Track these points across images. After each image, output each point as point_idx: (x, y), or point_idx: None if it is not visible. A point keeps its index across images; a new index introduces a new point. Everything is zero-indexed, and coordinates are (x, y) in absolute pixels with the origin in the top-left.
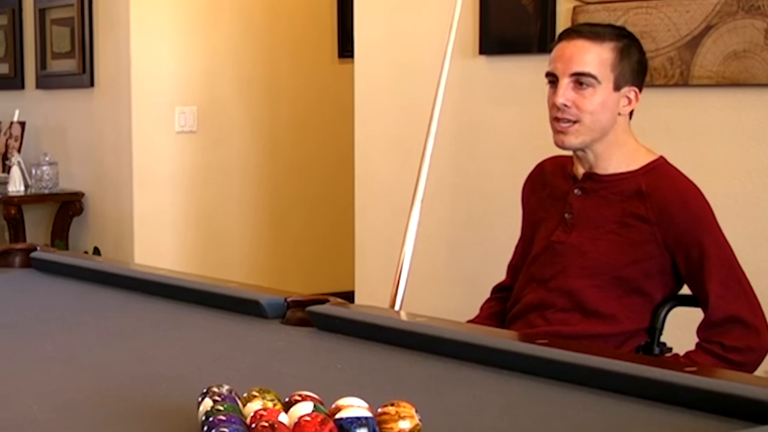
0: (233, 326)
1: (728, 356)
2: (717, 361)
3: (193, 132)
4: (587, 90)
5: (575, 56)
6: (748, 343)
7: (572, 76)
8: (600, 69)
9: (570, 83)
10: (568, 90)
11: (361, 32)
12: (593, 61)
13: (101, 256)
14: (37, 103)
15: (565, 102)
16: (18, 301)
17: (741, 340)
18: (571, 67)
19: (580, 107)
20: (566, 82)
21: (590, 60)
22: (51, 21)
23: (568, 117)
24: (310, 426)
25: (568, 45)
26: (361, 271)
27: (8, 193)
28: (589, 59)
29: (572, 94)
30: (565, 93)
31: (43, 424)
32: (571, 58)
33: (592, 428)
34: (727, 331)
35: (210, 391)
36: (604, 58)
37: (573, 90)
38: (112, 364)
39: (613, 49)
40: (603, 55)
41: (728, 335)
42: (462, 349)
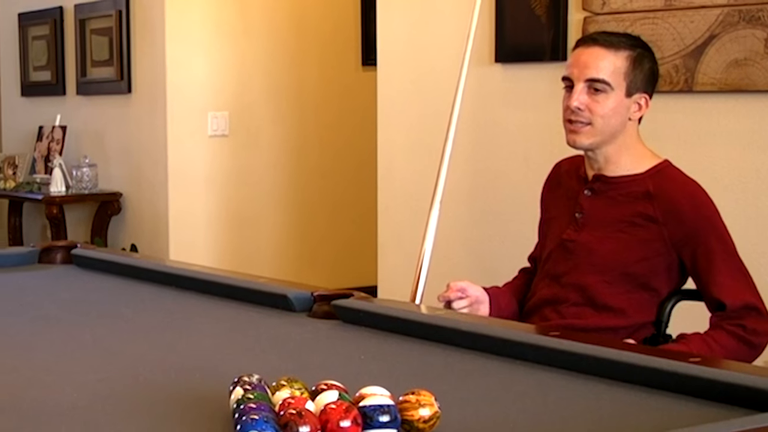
0: (263, 319)
1: (749, 338)
2: (738, 342)
3: (225, 136)
4: (600, 95)
5: (591, 63)
6: (765, 327)
7: (587, 82)
8: (613, 76)
9: (584, 88)
10: (582, 94)
11: (383, 42)
12: (607, 69)
13: (138, 252)
14: (78, 109)
15: (578, 105)
16: (59, 295)
17: (759, 324)
18: (587, 73)
19: (593, 111)
20: (581, 87)
21: (605, 67)
22: (91, 31)
23: (581, 119)
24: (336, 413)
25: (585, 52)
26: (384, 267)
27: (50, 193)
28: (603, 66)
29: (586, 99)
30: (579, 97)
31: (83, 411)
32: (586, 64)
33: (603, 415)
34: (744, 316)
35: (241, 381)
36: (618, 66)
37: (587, 94)
38: (148, 355)
39: (627, 57)
40: (617, 63)
41: (747, 320)
42: (479, 341)
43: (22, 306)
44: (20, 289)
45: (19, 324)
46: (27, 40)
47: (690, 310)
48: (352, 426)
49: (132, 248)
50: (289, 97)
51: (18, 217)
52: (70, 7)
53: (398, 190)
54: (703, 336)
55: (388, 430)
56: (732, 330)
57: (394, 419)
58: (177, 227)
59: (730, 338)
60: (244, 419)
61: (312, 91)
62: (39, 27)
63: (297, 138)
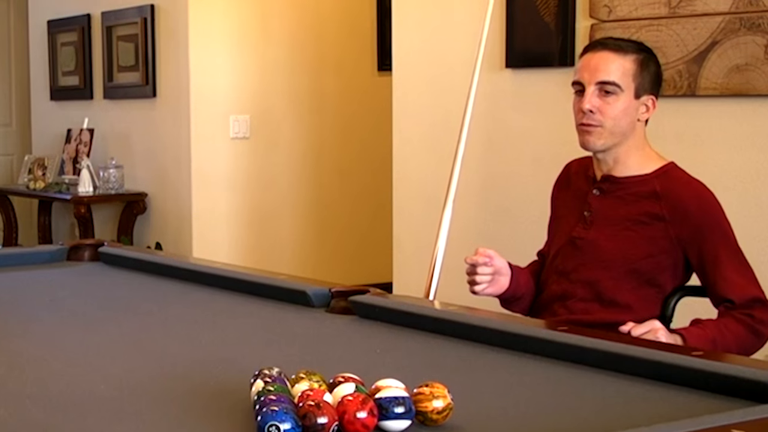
0: (282, 314)
1: (757, 327)
2: (747, 331)
3: (247, 138)
4: (611, 97)
5: (601, 66)
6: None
7: (598, 84)
8: (623, 78)
9: (595, 90)
10: (593, 97)
11: (398, 48)
12: (617, 71)
13: (162, 250)
14: (105, 112)
15: (591, 107)
16: (87, 291)
17: (765, 314)
18: (597, 76)
19: (604, 113)
20: (592, 90)
21: (614, 70)
22: (117, 37)
23: (593, 122)
24: (352, 405)
25: (594, 56)
26: (399, 264)
27: (78, 193)
28: (613, 69)
29: (597, 101)
30: (591, 99)
31: (110, 402)
32: (597, 67)
33: (609, 406)
34: (752, 308)
35: (261, 373)
36: (627, 69)
37: (598, 97)
38: (172, 349)
39: (634, 60)
40: (626, 66)
41: (755, 311)
42: (491, 335)
43: (52, 301)
44: (49, 285)
45: (49, 318)
46: (56, 46)
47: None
48: (369, 417)
49: (157, 246)
50: (308, 100)
51: (47, 217)
52: (97, 15)
53: (413, 189)
54: (716, 322)
55: (403, 421)
56: (741, 319)
57: (408, 410)
58: (200, 226)
59: (740, 326)
60: (264, 410)
61: (330, 95)
62: (67, 34)
63: (315, 140)
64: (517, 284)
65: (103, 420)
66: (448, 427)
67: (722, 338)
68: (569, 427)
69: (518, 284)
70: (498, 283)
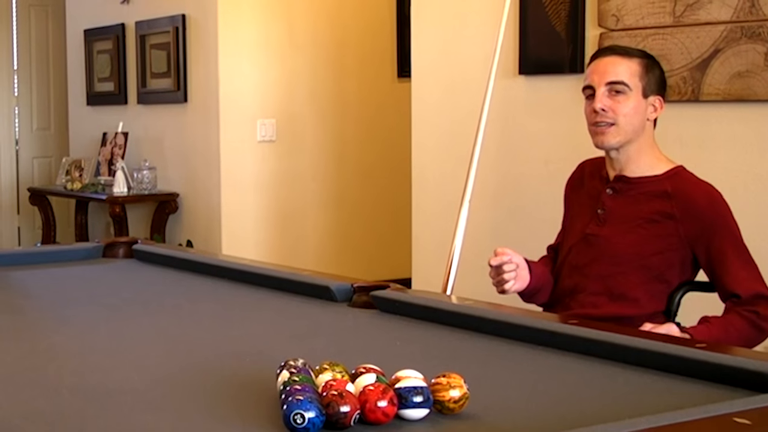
0: (307, 309)
1: (761, 323)
2: (751, 327)
3: (273, 141)
4: (621, 96)
5: (609, 68)
6: None
7: (608, 85)
8: (630, 78)
9: (606, 91)
10: (604, 97)
11: (417, 56)
12: (625, 72)
13: (193, 248)
14: (138, 117)
15: (603, 107)
16: (122, 286)
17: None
18: (607, 77)
19: (616, 111)
20: (603, 91)
21: (622, 71)
22: (150, 46)
23: (605, 120)
24: (374, 394)
25: (602, 60)
26: (417, 261)
27: (113, 194)
28: (621, 70)
29: (608, 101)
30: (602, 100)
31: (143, 393)
32: (605, 70)
33: (617, 395)
34: (757, 304)
35: (287, 365)
36: (634, 70)
37: (609, 97)
38: (202, 342)
39: (639, 63)
40: (632, 68)
41: (759, 307)
42: (505, 328)
43: (88, 296)
44: (86, 281)
45: (85, 313)
46: (92, 54)
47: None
48: (389, 406)
49: (188, 244)
50: (331, 105)
51: (84, 216)
52: (131, 24)
53: (431, 190)
54: (722, 320)
55: (421, 410)
56: (747, 316)
57: (426, 400)
58: (229, 224)
59: (744, 323)
60: (290, 400)
61: (352, 101)
62: (103, 42)
63: (338, 143)
64: (536, 276)
65: (137, 409)
66: (465, 416)
67: (726, 337)
68: (579, 415)
69: (537, 276)
70: (522, 278)
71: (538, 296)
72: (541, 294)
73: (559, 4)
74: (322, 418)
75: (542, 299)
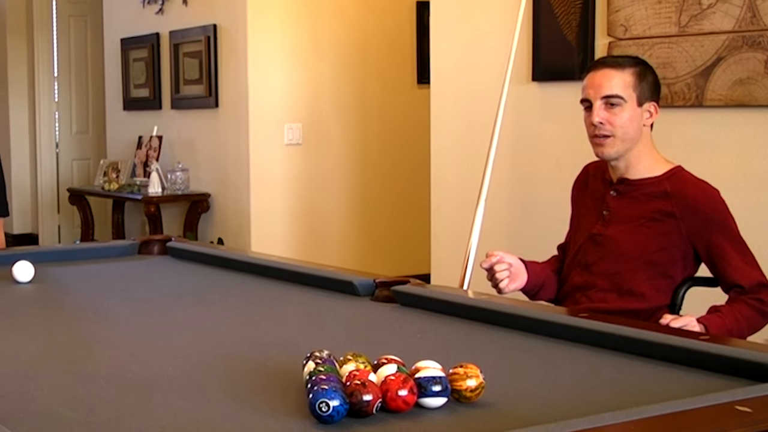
0: (331, 302)
1: (765, 309)
2: (757, 314)
3: (299, 144)
4: (616, 108)
5: (604, 83)
6: None
7: (603, 99)
8: (625, 90)
9: (602, 105)
10: (601, 110)
11: (435, 63)
12: (619, 85)
13: (224, 245)
14: (172, 121)
15: (600, 120)
16: (156, 281)
17: None
18: (601, 92)
19: (613, 123)
20: (599, 104)
21: (616, 84)
22: (183, 54)
23: (604, 132)
24: (394, 384)
25: (597, 74)
26: (436, 257)
27: (148, 194)
28: (614, 84)
29: (605, 114)
30: (599, 113)
31: (177, 381)
32: (600, 84)
33: (625, 385)
34: (759, 292)
35: (313, 355)
36: (627, 81)
37: (605, 110)
38: (232, 333)
39: (632, 73)
40: (626, 79)
41: (762, 294)
42: (518, 321)
43: (124, 291)
44: (122, 277)
45: (122, 306)
46: (128, 61)
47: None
48: (409, 395)
49: (219, 241)
50: (354, 110)
51: (120, 215)
52: (165, 34)
53: (448, 190)
54: (731, 309)
55: (440, 398)
56: (752, 303)
57: (444, 389)
58: (258, 223)
59: (752, 311)
60: (315, 389)
61: (374, 106)
62: (139, 50)
63: (361, 146)
64: (534, 274)
65: (171, 397)
66: (481, 404)
67: (737, 325)
68: (589, 404)
69: (535, 274)
70: (518, 277)
71: (542, 293)
72: (543, 291)
73: (570, 15)
74: (346, 406)
75: (547, 295)
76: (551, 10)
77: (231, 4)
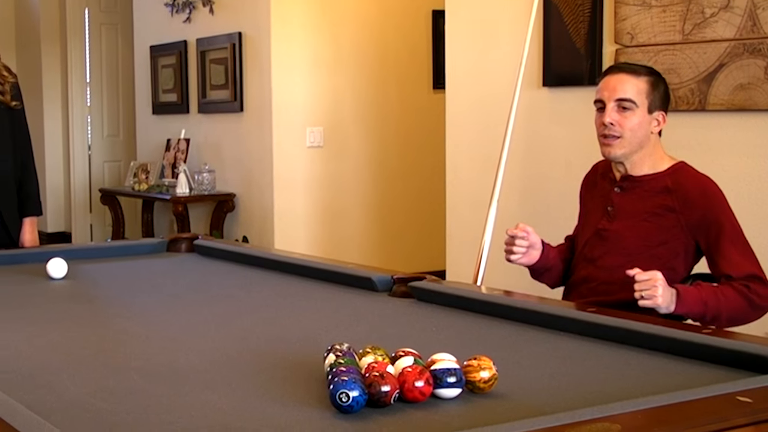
0: (351, 298)
1: (752, 296)
2: (742, 298)
3: (321, 147)
4: (628, 112)
5: (619, 86)
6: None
7: (617, 101)
8: (638, 96)
9: (615, 107)
10: (613, 112)
11: (450, 70)
12: (632, 90)
13: (248, 243)
14: (199, 124)
15: (611, 121)
16: (184, 278)
17: (761, 289)
18: (616, 95)
19: (623, 126)
20: (612, 106)
21: (630, 89)
22: (210, 60)
23: (613, 133)
24: (411, 375)
25: (613, 78)
26: (451, 254)
27: (176, 194)
28: (629, 88)
29: (617, 116)
30: (611, 115)
31: (203, 373)
32: (615, 87)
33: (631, 376)
34: (749, 281)
35: (333, 348)
36: (641, 88)
37: (617, 112)
38: (256, 327)
39: (647, 81)
40: (640, 86)
41: (751, 284)
42: (529, 315)
43: (154, 287)
44: (152, 273)
45: (151, 301)
46: (157, 68)
47: None
48: (425, 386)
49: (243, 239)
50: (373, 114)
51: (150, 214)
52: (192, 41)
53: (463, 190)
54: (714, 287)
55: (455, 389)
56: (738, 288)
57: (459, 380)
58: (281, 222)
59: (736, 294)
60: (336, 380)
61: (392, 110)
62: (167, 57)
63: (380, 148)
64: (546, 258)
65: (198, 388)
66: (494, 395)
67: (715, 301)
68: (597, 395)
69: (548, 258)
70: (530, 256)
71: (544, 277)
72: (546, 276)
73: (579, 23)
74: (365, 396)
75: (549, 281)
76: (561, 18)
77: (255, 13)
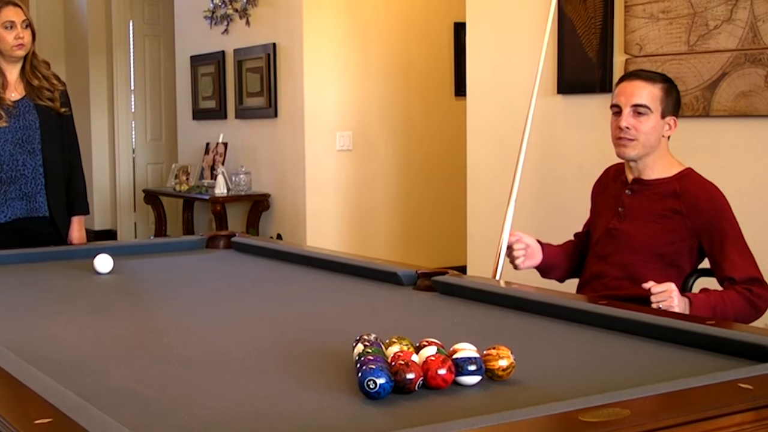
0: (378, 291)
1: (754, 299)
2: (744, 301)
3: (350, 150)
4: (643, 117)
5: (635, 92)
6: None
7: (633, 107)
8: (652, 102)
9: (630, 112)
10: (629, 117)
11: (471, 78)
12: (648, 96)
13: (282, 240)
14: (236, 129)
15: (627, 125)
16: (222, 272)
17: (762, 291)
18: (632, 100)
19: (638, 129)
20: (628, 111)
21: (645, 95)
22: (246, 69)
23: (629, 136)
24: (434, 363)
25: (630, 84)
26: (471, 251)
27: (215, 194)
28: (644, 94)
29: (632, 120)
30: (627, 119)
31: (239, 362)
32: (632, 93)
33: (641, 365)
34: (750, 285)
35: (361, 339)
36: (656, 95)
37: (633, 117)
38: (289, 319)
39: (661, 88)
40: (654, 93)
41: (753, 287)
42: (545, 308)
43: (194, 281)
44: (192, 268)
45: (192, 295)
46: (197, 76)
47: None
48: (447, 373)
49: (278, 237)
50: (399, 120)
51: (190, 213)
52: (230, 51)
53: (483, 191)
54: (720, 292)
55: (475, 377)
56: (741, 292)
57: (479, 368)
58: (312, 220)
59: (739, 297)
60: (364, 368)
61: (416, 116)
62: (206, 66)
63: (405, 152)
64: (547, 255)
65: (235, 376)
66: (511, 382)
67: (722, 305)
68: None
69: (549, 255)
70: (534, 256)
71: (552, 273)
72: (554, 272)
73: (591, 34)
74: (392, 383)
75: (557, 276)
76: (574, 30)
77: (289, 25)
